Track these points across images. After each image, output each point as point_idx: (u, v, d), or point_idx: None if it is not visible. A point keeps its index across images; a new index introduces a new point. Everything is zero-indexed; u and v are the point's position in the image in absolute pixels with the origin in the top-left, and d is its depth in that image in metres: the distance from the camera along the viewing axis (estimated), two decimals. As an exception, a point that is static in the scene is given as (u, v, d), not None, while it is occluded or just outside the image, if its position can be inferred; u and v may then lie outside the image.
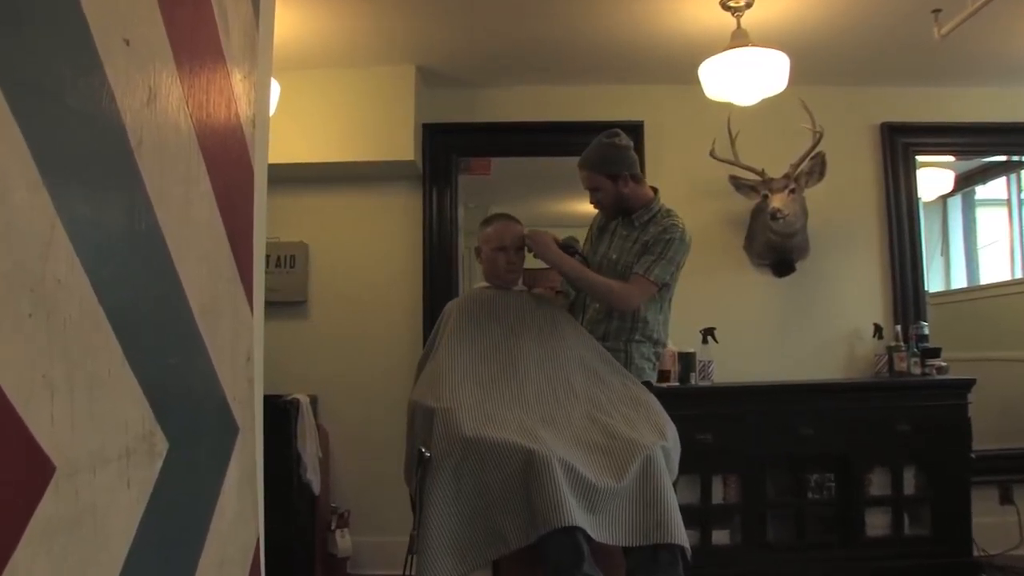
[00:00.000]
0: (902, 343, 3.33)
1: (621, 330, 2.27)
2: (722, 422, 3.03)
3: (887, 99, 3.55)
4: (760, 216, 3.35)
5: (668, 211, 2.31)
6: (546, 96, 3.55)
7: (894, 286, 3.49)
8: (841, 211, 3.51)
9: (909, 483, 3.10)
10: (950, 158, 3.77)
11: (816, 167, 3.21)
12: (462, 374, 1.99)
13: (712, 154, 3.27)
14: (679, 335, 3.14)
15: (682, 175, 3.45)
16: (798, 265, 3.46)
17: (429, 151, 3.50)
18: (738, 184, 3.34)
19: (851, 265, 3.50)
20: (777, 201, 3.17)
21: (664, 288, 2.26)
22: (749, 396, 3.11)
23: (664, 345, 2.36)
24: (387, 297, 3.47)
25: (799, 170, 3.22)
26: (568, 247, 2.27)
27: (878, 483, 3.10)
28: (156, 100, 0.83)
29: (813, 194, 3.32)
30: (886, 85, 3.52)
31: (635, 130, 3.40)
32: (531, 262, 2.29)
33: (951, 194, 3.98)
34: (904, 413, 3.07)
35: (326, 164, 3.30)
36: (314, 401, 3.27)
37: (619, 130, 2.31)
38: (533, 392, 1.98)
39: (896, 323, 3.42)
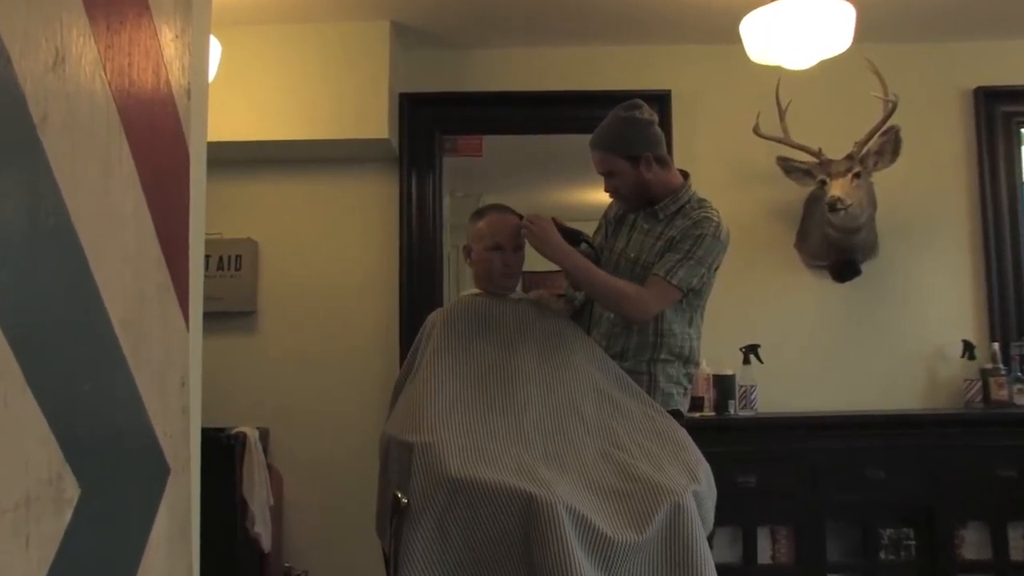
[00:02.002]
0: (1001, 365, 3.33)
1: (643, 347, 2.28)
2: (769, 462, 3.04)
3: (982, 57, 3.55)
4: (816, 207, 3.36)
5: (700, 201, 2.32)
6: (551, 60, 3.57)
7: (990, 293, 3.49)
8: (920, 199, 3.53)
9: (1016, 544, 3.07)
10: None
11: (888, 145, 3.23)
12: (448, 401, 2.00)
13: (756, 131, 3.28)
14: (715, 353, 3.15)
15: (718, 157, 3.46)
16: (864, 267, 3.47)
17: (407, 127, 3.51)
18: (789, 167, 3.36)
19: (933, 267, 3.52)
20: (837, 188, 3.18)
21: (693, 295, 2.27)
22: (803, 430, 3.12)
23: (696, 365, 2.37)
24: (355, 307, 3.48)
25: (866, 149, 3.24)
26: (572, 234, 2.27)
27: (973, 543, 3.10)
28: (65, 64, 0.83)
29: (883, 179, 3.33)
30: (980, 39, 3.51)
31: (660, 101, 3.42)
32: (532, 262, 2.31)
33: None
34: (1006, 454, 3.05)
35: (279, 143, 3.31)
36: (264, 436, 3.27)
37: (640, 101, 2.33)
38: (535, 423, 1.99)
39: (993, 340, 3.43)
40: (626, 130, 2.27)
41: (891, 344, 3.48)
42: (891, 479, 3.03)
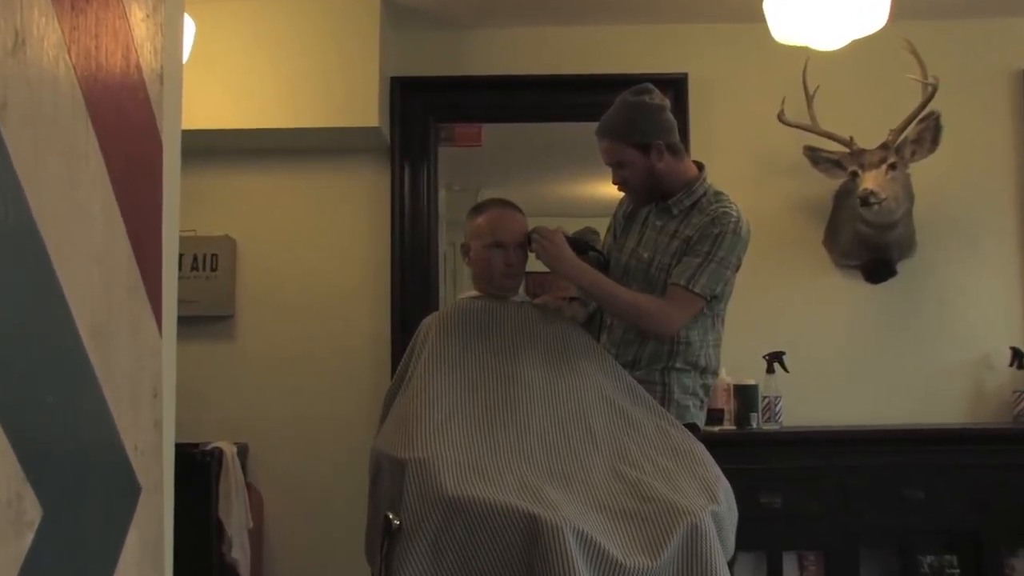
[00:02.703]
0: (1054, 375, 3.30)
1: (657, 355, 2.29)
2: (796, 481, 3.04)
3: (1033, 35, 3.51)
4: (847, 201, 3.36)
5: (717, 194, 2.33)
6: (556, 41, 3.58)
7: (1041, 296, 3.45)
8: (962, 192, 3.53)
9: (1076, 574, 3.06)
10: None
11: (927, 133, 3.23)
12: (444, 413, 2.00)
13: (781, 118, 3.28)
14: (736, 361, 3.15)
15: (739, 147, 3.46)
16: (900, 267, 3.47)
17: (399, 115, 3.51)
18: (817, 158, 3.36)
19: (976, 266, 3.52)
20: (871, 180, 3.17)
21: (714, 300, 2.28)
22: (833, 446, 3.12)
23: (715, 375, 2.37)
24: (343, 311, 3.48)
25: (903, 137, 3.23)
26: (581, 243, 2.29)
27: (1026, 572, 3.07)
28: (25, 47, 0.82)
29: (921, 170, 3.33)
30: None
31: (675, 86, 3.42)
32: (536, 262, 2.32)
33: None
34: (1061, 473, 3.02)
35: (259, 132, 3.31)
36: (243, 452, 3.27)
37: (650, 85, 2.34)
38: (539, 438, 2.00)
39: (1045, 347, 3.39)
40: (636, 116, 2.28)
41: (930, 351, 3.48)
42: (932, 501, 3.03)
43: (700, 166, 2.39)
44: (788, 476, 3.05)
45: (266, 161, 3.50)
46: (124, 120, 1.08)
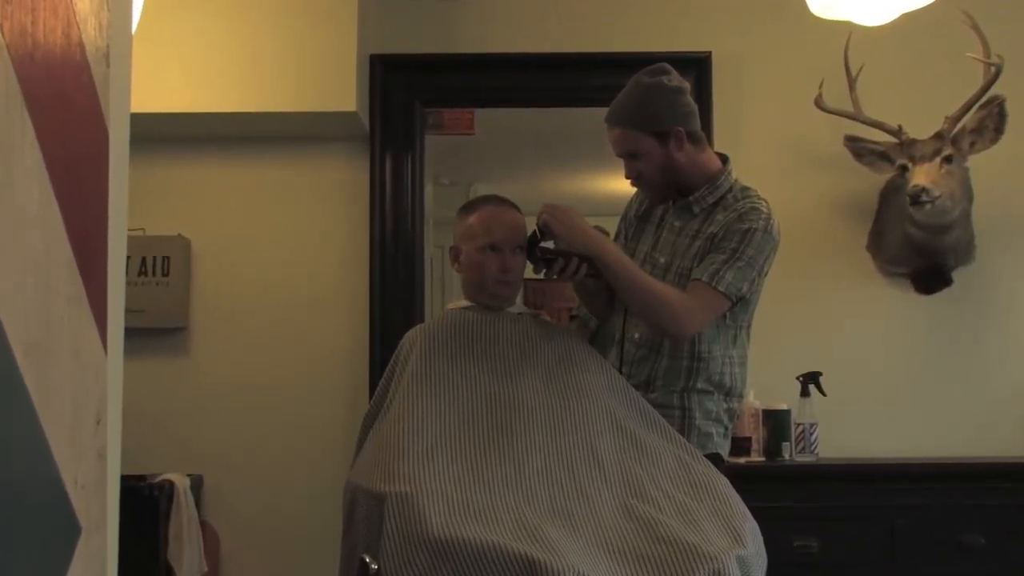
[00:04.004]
0: None
1: (675, 373, 2.31)
2: (834, 522, 3.04)
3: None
4: (895, 199, 3.36)
5: (744, 190, 2.34)
6: (561, 14, 3.58)
7: None
8: (1029, 190, 3.48)
9: None
10: None
11: (988, 121, 3.24)
12: (429, 442, 2.01)
13: (819, 103, 3.29)
14: (765, 383, 3.15)
15: (770, 136, 3.46)
16: (955, 275, 3.48)
17: (380, 98, 3.51)
18: (860, 149, 3.36)
19: (1043, 275, 3.48)
20: (922, 175, 3.18)
21: (739, 307, 2.28)
22: (878, 481, 3.11)
23: (740, 397, 2.38)
24: (314, 323, 3.48)
25: (960, 126, 3.24)
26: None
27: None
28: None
29: (982, 163, 3.34)
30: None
31: (697, 66, 3.42)
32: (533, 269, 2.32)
33: None
34: None
35: (218, 117, 3.31)
36: (197, 484, 3.26)
37: (667, 65, 2.34)
38: (540, 470, 2.01)
39: None
40: (651, 100, 2.29)
41: (990, 372, 3.48)
42: (994, 547, 3.02)
43: (724, 158, 2.40)
44: (826, 516, 3.05)
45: (226, 150, 3.50)
46: (65, 106, 1.08)
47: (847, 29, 3.07)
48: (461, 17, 3.61)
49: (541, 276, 2.32)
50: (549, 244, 2.28)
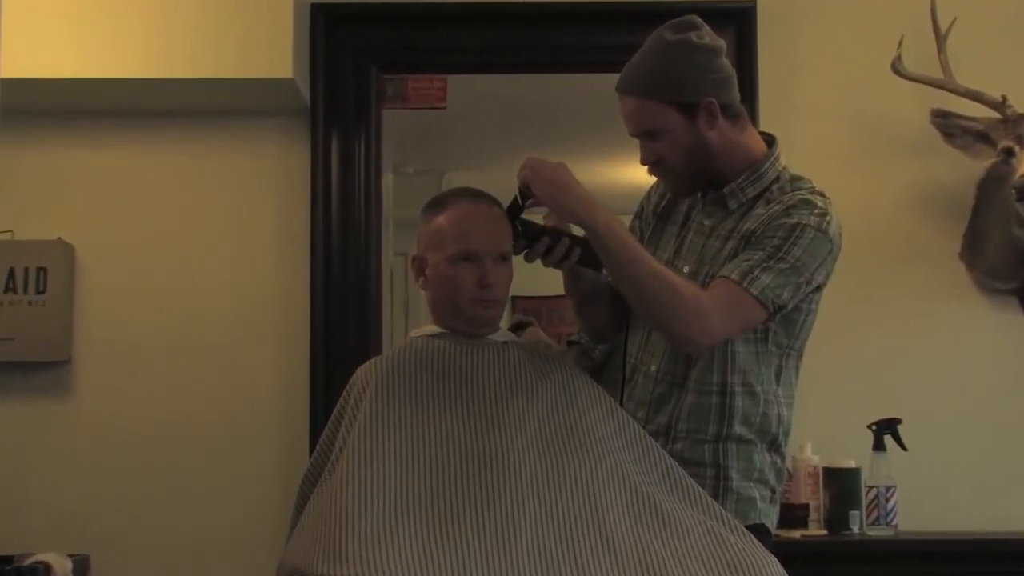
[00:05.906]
0: None
1: (702, 413, 2.19)
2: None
3: None
4: (997, 192, 3.22)
5: (795, 180, 2.24)
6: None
7: None
8: None
9: None
10: None
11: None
12: (387, 509, 1.87)
13: (897, 68, 3.14)
14: (826, 432, 3.04)
15: (831, 110, 3.34)
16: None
17: (323, 61, 3.36)
18: (951, 128, 3.21)
19: None
20: (1034, 162, 3.24)
21: (784, 327, 2.17)
22: (973, 561, 2.97)
23: (786, 449, 2.30)
24: (237, 353, 3.32)
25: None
26: (592, 252, 2.15)
27: None
28: None
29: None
30: None
31: (738, 19, 3.28)
32: (521, 283, 2.19)
33: None
34: None
35: (113, 84, 3.14)
36: (81, 567, 3.09)
37: (697, 18, 2.23)
38: (531, 547, 1.85)
39: None
40: (675, 63, 2.16)
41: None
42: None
43: (771, 140, 2.28)
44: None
45: (123, 129, 3.33)
46: None
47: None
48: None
49: (521, 256, 2.14)
50: (539, 218, 2.14)
